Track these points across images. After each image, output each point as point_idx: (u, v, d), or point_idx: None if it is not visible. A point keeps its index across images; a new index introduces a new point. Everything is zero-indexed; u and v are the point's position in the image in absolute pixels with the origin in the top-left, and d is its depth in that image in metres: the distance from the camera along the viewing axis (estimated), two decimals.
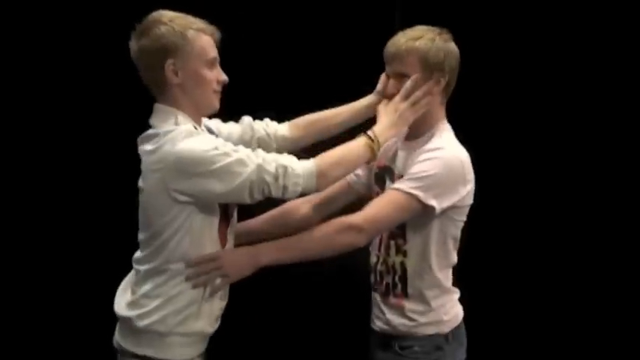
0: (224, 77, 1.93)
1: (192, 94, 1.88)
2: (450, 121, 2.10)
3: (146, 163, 1.85)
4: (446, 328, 2.10)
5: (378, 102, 2.11)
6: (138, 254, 1.93)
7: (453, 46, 2.07)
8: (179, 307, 1.86)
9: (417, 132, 2.10)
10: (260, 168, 1.80)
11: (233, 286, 1.97)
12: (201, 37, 1.87)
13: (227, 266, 1.90)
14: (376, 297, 2.17)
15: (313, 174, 1.86)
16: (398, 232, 2.06)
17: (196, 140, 1.80)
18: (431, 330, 2.09)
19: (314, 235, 1.97)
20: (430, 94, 2.03)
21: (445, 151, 2.01)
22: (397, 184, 2.00)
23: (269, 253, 1.93)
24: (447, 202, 1.99)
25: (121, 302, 1.93)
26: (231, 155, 1.79)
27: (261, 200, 1.87)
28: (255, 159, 1.81)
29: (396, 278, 2.09)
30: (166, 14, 1.87)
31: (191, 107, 1.89)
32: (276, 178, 1.82)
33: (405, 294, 2.08)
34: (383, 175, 2.16)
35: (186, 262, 1.85)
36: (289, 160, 1.86)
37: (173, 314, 1.86)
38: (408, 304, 2.08)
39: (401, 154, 2.12)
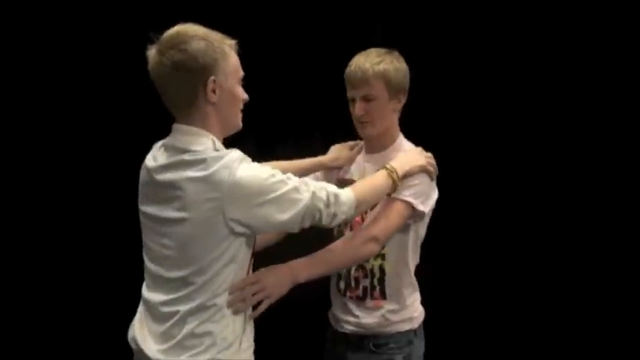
0: (246, 96, 1.88)
1: (226, 113, 1.80)
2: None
3: (191, 191, 1.68)
4: (416, 324, 2.27)
5: (326, 168, 2.32)
6: (170, 296, 1.74)
7: (406, 66, 2.24)
8: (230, 340, 1.77)
9: (382, 145, 2.28)
10: (314, 196, 1.80)
11: None
12: (233, 54, 1.81)
13: (269, 287, 1.88)
14: (347, 302, 2.28)
15: (354, 202, 1.91)
16: None
17: (253, 167, 1.73)
18: (405, 326, 2.24)
19: (343, 248, 2.07)
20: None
21: None
22: (395, 194, 2.12)
23: (305, 270, 1.97)
24: (429, 207, 2.17)
25: (154, 347, 1.76)
26: (288, 183, 1.76)
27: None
28: (307, 187, 1.80)
29: (375, 281, 2.22)
30: (198, 28, 1.76)
31: (219, 127, 1.80)
32: (327, 205, 1.83)
33: (383, 295, 2.22)
34: (344, 187, 2.21)
35: (230, 290, 1.77)
36: (335, 189, 1.89)
37: (225, 348, 1.77)
38: (386, 305, 2.22)
39: (368, 166, 2.28)
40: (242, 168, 1.69)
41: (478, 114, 3.25)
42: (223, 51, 1.75)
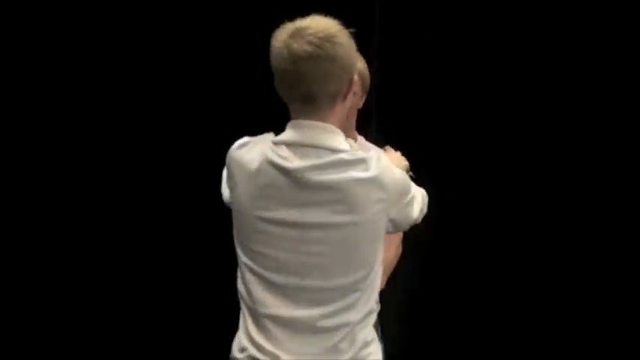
0: None
1: (345, 115, 1.72)
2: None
3: (359, 193, 1.56)
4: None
5: None
6: (330, 307, 1.58)
7: None
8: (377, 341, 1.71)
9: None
10: (423, 193, 1.79)
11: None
12: None
13: None
14: None
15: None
16: None
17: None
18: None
19: (395, 251, 2.19)
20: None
21: None
22: None
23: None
24: None
25: None
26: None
27: None
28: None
29: None
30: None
31: (338, 126, 1.68)
32: (424, 203, 1.81)
33: None
34: None
35: None
36: None
37: (379, 351, 1.72)
38: None
39: None
40: (392, 168, 1.64)
41: (475, 116, 3.24)
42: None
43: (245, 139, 1.69)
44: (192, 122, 3.27)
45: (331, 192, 1.56)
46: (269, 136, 1.67)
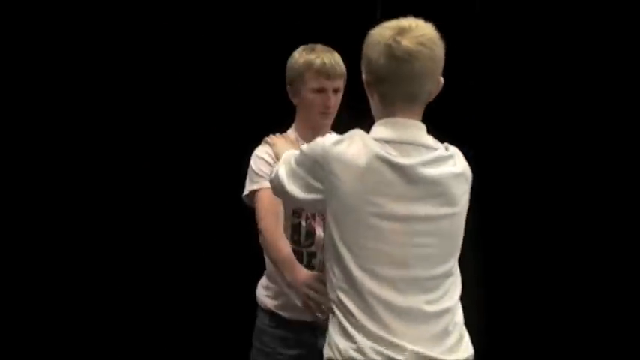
0: None
1: None
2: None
3: (456, 186, 1.68)
4: None
5: None
6: (434, 294, 1.66)
7: None
8: None
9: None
10: None
11: None
12: None
13: None
14: None
15: None
16: None
17: None
18: None
19: None
20: None
21: None
22: None
23: None
24: None
25: (437, 350, 1.64)
26: None
27: None
28: None
29: None
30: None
31: None
32: None
33: None
34: None
35: None
36: None
37: None
38: None
39: None
40: None
41: (477, 115, 3.27)
42: None
43: (334, 135, 1.71)
44: (192, 123, 3.27)
45: (435, 186, 1.66)
46: (359, 132, 1.68)
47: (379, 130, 1.69)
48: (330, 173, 1.63)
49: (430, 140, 1.70)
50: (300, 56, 2.30)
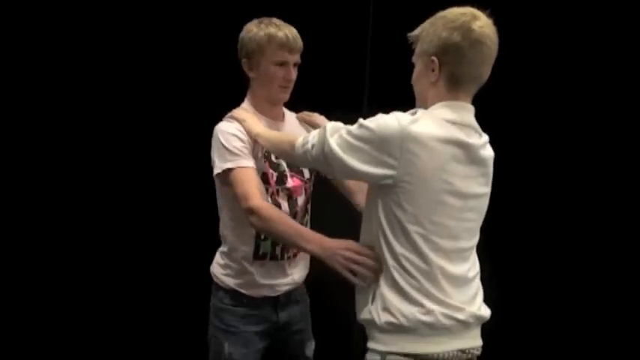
0: None
1: None
2: None
3: (492, 167, 1.87)
4: None
5: None
6: (470, 261, 1.85)
7: None
8: None
9: (282, 113, 2.39)
10: None
11: None
12: None
13: None
14: (284, 264, 2.37)
15: None
16: None
17: None
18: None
19: None
20: None
21: None
22: None
23: None
24: None
25: (480, 306, 1.88)
26: None
27: None
28: None
29: None
30: None
31: None
32: None
33: None
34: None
35: None
36: None
37: None
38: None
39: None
40: None
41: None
42: None
43: (404, 114, 1.74)
44: (189, 121, 3.21)
45: (484, 167, 1.83)
46: (428, 112, 1.77)
47: (445, 111, 1.76)
48: (408, 151, 1.69)
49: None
50: (259, 29, 2.24)
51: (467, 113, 1.80)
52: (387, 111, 1.75)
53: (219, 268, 2.36)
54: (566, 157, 3.26)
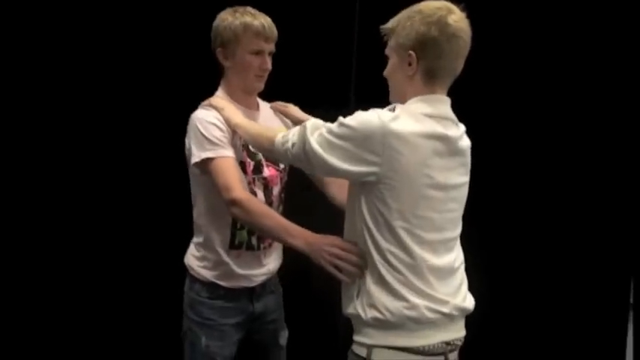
0: None
1: None
2: None
3: (469, 157, 1.90)
4: None
5: None
6: (456, 251, 1.89)
7: None
8: None
9: (256, 102, 2.39)
10: None
11: None
12: None
13: None
14: (260, 254, 2.36)
15: None
16: None
17: None
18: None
19: None
20: None
21: None
22: None
23: None
24: None
25: (468, 298, 1.92)
26: None
27: None
28: None
29: None
30: None
31: None
32: None
33: None
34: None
35: None
36: None
37: None
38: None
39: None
40: None
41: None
42: None
43: (383, 111, 1.75)
44: (159, 111, 3.14)
45: (463, 157, 1.86)
46: (406, 108, 1.79)
47: (423, 105, 1.79)
48: (390, 148, 1.70)
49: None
50: (234, 18, 2.22)
51: (444, 106, 1.82)
52: (375, 107, 1.77)
53: (195, 260, 2.34)
54: (547, 147, 3.26)
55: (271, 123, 2.36)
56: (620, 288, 3.31)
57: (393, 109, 1.77)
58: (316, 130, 1.80)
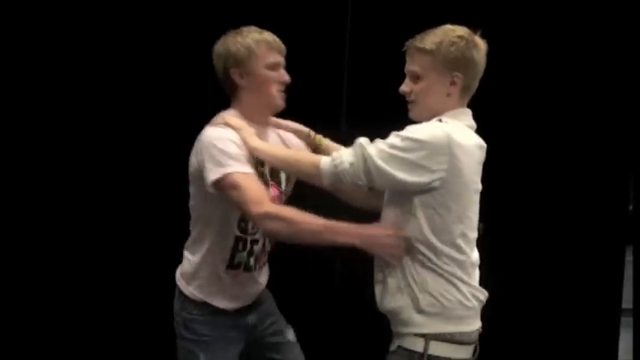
0: None
1: None
2: None
3: None
4: None
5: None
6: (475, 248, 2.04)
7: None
8: None
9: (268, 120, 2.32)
10: None
11: None
12: None
13: None
14: (255, 274, 2.34)
15: None
16: None
17: None
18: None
19: None
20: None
21: None
22: None
23: None
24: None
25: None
26: None
27: None
28: None
29: (267, 241, 2.35)
30: None
31: None
32: None
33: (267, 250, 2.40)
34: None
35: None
36: None
37: None
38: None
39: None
40: None
41: None
42: None
43: (436, 123, 1.89)
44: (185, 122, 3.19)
45: (481, 165, 2.00)
46: (451, 121, 1.92)
47: (463, 118, 1.96)
48: (454, 156, 1.84)
49: None
50: (242, 37, 2.17)
51: (471, 118, 1.99)
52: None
53: (188, 278, 2.28)
54: (547, 148, 3.28)
55: (290, 143, 2.33)
56: (615, 290, 3.35)
57: (440, 121, 1.90)
58: (372, 147, 1.88)
